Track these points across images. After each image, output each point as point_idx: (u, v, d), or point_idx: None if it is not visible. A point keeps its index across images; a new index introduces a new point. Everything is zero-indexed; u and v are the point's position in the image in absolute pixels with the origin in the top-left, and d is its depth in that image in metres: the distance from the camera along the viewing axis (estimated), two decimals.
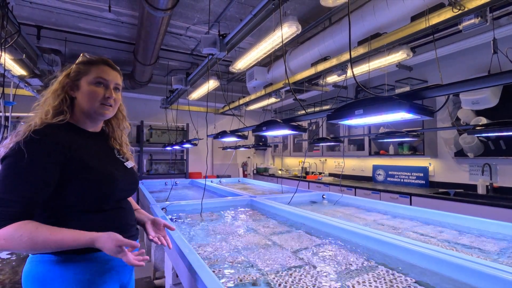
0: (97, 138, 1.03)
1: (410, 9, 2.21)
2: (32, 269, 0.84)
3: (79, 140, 0.92)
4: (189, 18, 3.49)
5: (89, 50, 4.47)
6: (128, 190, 1.03)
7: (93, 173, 0.88)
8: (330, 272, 1.12)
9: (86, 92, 0.94)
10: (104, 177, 0.91)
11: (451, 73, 3.54)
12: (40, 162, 0.80)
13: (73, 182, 0.85)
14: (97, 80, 0.95)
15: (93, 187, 0.88)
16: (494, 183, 3.14)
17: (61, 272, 0.83)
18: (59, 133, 0.88)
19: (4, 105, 1.99)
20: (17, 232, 0.73)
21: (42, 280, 0.82)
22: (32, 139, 0.80)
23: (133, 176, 1.06)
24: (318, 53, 3.25)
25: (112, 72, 0.98)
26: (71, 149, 0.87)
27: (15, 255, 1.33)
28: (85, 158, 0.89)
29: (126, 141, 1.13)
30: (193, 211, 2.23)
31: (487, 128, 1.87)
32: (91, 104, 0.94)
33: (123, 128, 1.12)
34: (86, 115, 0.97)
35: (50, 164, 0.81)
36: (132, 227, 1.03)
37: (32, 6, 3.19)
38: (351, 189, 4.15)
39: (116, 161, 1.03)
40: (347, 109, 1.04)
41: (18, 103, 3.24)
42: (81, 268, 0.85)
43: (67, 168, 0.84)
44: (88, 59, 0.98)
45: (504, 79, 0.76)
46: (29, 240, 0.73)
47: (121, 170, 1.00)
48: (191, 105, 4.96)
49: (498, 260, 1.25)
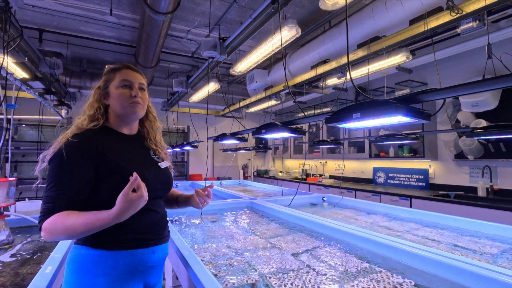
0: (133, 140, 1.08)
1: (408, 13, 2.23)
2: (71, 255, 0.93)
3: (113, 142, 0.98)
4: (189, 21, 3.52)
5: (91, 53, 4.51)
6: (160, 190, 1.06)
7: (123, 172, 0.92)
8: (330, 275, 1.12)
9: (115, 96, 1.01)
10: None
11: (450, 75, 3.55)
12: (78, 162, 0.88)
13: (105, 181, 0.91)
14: (123, 83, 1.02)
15: (124, 186, 0.89)
16: (495, 186, 3.14)
17: (95, 261, 0.90)
18: (94, 136, 0.95)
19: (6, 108, 2.01)
20: (54, 220, 0.81)
21: (79, 262, 0.90)
22: (71, 142, 0.89)
23: (166, 176, 1.09)
24: (318, 56, 3.27)
25: (134, 73, 1.05)
26: (105, 150, 0.93)
27: (18, 256, 1.34)
28: (117, 158, 0.94)
29: (161, 141, 1.18)
30: (193, 213, 2.24)
31: (486, 130, 1.88)
32: (122, 105, 1.01)
33: (156, 129, 1.17)
34: (120, 118, 1.04)
35: (87, 164, 0.89)
36: (162, 229, 1.04)
37: (35, 9, 3.23)
38: (351, 191, 4.15)
39: (150, 162, 1.07)
40: (345, 113, 1.05)
41: (20, 106, 3.26)
42: (110, 261, 0.90)
43: (101, 168, 0.91)
44: (111, 67, 1.06)
45: (500, 84, 0.77)
46: (62, 225, 0.81)
47: (153, 170, 1.03)
48: (191, 107, 4.98)
49: (497, 262, 1.25)
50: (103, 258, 0.89)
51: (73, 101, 4.85)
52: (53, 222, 0.81)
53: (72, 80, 4.50)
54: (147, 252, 0.96)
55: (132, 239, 0.93)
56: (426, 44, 3.25)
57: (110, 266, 0.89)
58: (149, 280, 1.00)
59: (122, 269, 0.91)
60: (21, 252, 1.37)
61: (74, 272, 0.89)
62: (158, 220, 1.02)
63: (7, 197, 1.51)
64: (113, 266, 0.90)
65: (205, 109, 5.88)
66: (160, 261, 1.02)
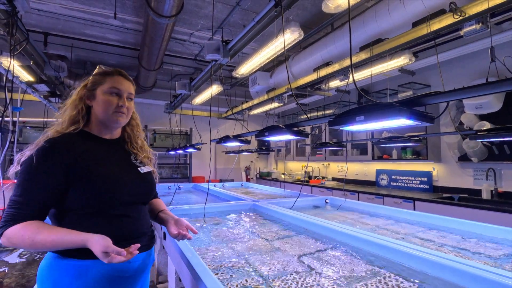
0: (113, 145, 1.06)
1: (411, 15, 2.23)
2: (45, 263, 0.89)
3: (89, 147, 0.96)
4: (192, 24, 3.54)
5: (95, 56, 4.55)
6: (139, 195, 1.02)
7: (95, 177, 0.91)
8: (333, 277, 1.12)
9: (101, 101, 0.99)
10: (107, 181, 0.92)
11: (453, 77, 3.54)
12: (47, 168, 0.86)
13: (76, 186, 0.89)
14: (111, 90, 1.00)
15: (95, 191, 0.90)
16: (499, 188, 3.12)
17: (67, 270, 0.86)
18: (70, 141, 0.93)
19: (12, 111, 2.03)
20: (20, 232, 0.79)
21: (52, 271, 0.87)
22: (42, 147, 0.87)
23: (146, 181, 1.06)
24: (320, 58, 3.28)
25: (125, 82, 1.04)
26: (78, 155, 0.91)
27: (25, 258, 1.36)
28: (89, 163, 0.92)
29: (144, 146, 1.17)
30: (196, 215, 2.24)
31: (490, 133, 1.86)
32: (106, 112, 0.99)
33: (138, 134, 1.17)
34: (101, 123, 1.02)
35: (56, 170, 0.87)
36: (143, 235, 1.01)
37: (40, 13, 3.27)
38: (354, 193, 4.13)
39: (130, 166, 1.05)
40: (348, 116, 1.06)
41: (25, 109, 3.29)
42: (83, 270, 0.87)
43: (72, 173, 0.88)
44: (104, 70, 1.04)
45: (503, 87, 0.78)
46: (30, 239, 0.79)
47: (132, 175, 1.02)
48: (194, 109, 5.00)
49: (502, 265, 1.25)
50: (75, 268, 0.86)
51: None
52: (18, 234, 0.79)
53: (76, 82, 4.52)
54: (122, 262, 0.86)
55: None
56: (429, 46, 3.24)
57: (83, 276, 0.86)
58: (133, 285, 0.96)
59: (96, 280, 0.87)
60: (26, 254, 1.38)
61: (47, 281, 0.86)
62: (136, 227, 0.98)
63: None
64: (86, 276, 0.86)
65: (208, 111, 5.91)
66: (138, 271, 0.98)
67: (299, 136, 1.73)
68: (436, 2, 2.05)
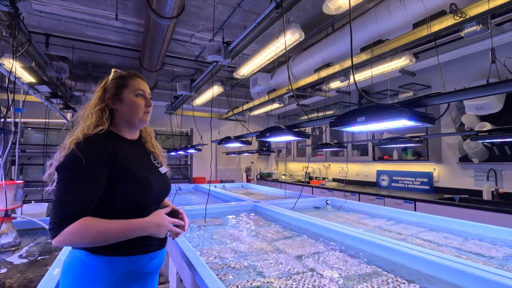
0: (135, 145, 1.09)
1: (412, 17, 2.24)
2: (69, 260, 0.91)
3: (121, 147, 0.99)
4: (193, 25, 3.55)
5: (96, 57, 4.56)
6: (163, 195, 1.08)
7: (133, 178, 0.93)
8: (334, 278, 1.12)
9: (131, 103, 1.02)
10: (142, 182, 0.96)
11: (454, 78, 3.54)
12: (95, 165, 0.88)
13: (115, 187, 0.91)
14: (137, 92, 1.03)
15: (133, 192, 0.93)
16: (500, 189, 3.12)
17: (94, 266, 0.88)
18: (106, 141, 0.95)
19: (14, 112, 2.04)
20: (83, 227, 0.81)
21: (76, 267, 0.89)
22: (86, 147, 0.89)
23: (166, 181, 1.11)
24: (321, 59, 3.28)
25: (144, 83, 1.08)
26: (116, 155, 0.93)
27: (25, 258, 1.36)
28: (127, 164, 0.95)
29: (158, 146, 1.20)
30: (197, 216, 2.25)
31: (491, 134, 1.87)
32: (136, 113, 1.02)
33: (150, 133, 1.20)
34: (128, 124, 1.05)
35: (102, 167, 0.89)
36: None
37: (42, 15, 3.28)
38: (355, 194, 4.13)
39: (152, 167, 1.08)
40: (350, 117, 1.06)
41: (27, 110, 3.30)
42: (108, 267, 0.89)
43: (113, 172, 0.91)
44: (122, 73, 1.06)
45: (503, 88, 0.78)
46: (95, 231, 0.82)
47: (156, 175, 1.05)
48: (195, 110, 5.01)
49: (503, 266, 1.25)
50: (102, 264, 0.88)
51: (78, 104, 4.91)
52: (81, 227, 0.81)
53: (77, 83, 4.56)
54: (145, 259, 0.95)
55: (132, 245, 0.91)
56: (430, 47, 3.24)
57: (108, 273, 0.88)
58: (146, 286, 0.99)
59: (120, 276, 0.90)
60: (28, 254, 1.38)
61: (71, 277, 0.88)
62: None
63: (15, 199, 1.54)
64: (111, 272, 0.88)
65: (209, 112, 5.93)
66: (157, 267, 1.02)
67: (300, 137, 1.74)
68: (437, 3, 2.06)
